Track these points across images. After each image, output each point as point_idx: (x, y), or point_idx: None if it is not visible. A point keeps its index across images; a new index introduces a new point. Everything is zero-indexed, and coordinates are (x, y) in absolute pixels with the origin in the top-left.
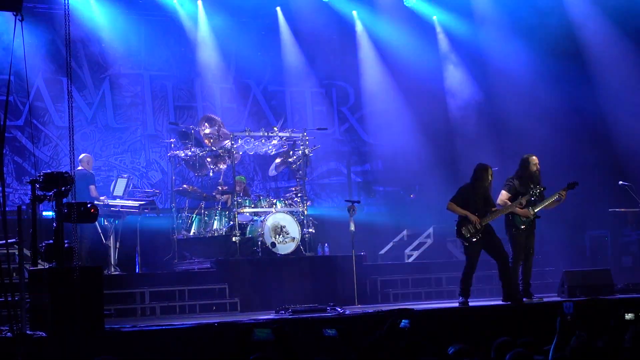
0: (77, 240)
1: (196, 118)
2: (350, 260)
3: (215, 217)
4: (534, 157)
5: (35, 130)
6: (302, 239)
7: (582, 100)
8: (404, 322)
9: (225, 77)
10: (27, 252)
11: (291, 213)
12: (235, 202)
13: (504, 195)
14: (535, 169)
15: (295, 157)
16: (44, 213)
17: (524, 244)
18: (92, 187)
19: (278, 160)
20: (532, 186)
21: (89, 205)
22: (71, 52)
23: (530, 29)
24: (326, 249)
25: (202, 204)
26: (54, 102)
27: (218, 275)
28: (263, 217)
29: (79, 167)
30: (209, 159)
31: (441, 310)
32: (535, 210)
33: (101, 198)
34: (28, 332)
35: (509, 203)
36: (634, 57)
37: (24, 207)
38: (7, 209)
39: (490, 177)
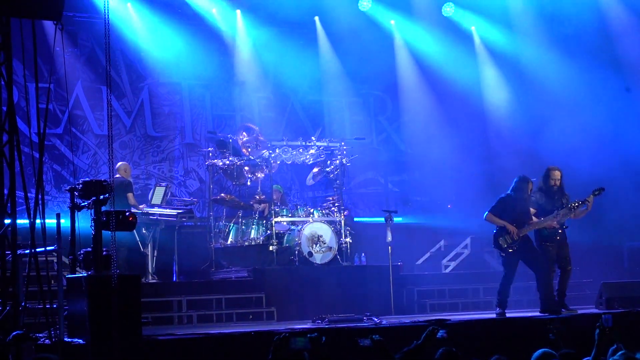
0: (115, 248)
1: (234, 127)
2: (387, 270)
3: (253, 226)
4: (556, 172)
5: (74, 139)
6: (339, 249)
7: (621, 109)
8: (441, 332)
9: (263, 86)
10: (65, 259)
11: (328, 222)
12: (273, 211)
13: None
14: (553, 183)
15: (332, 166)
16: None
17: (555, 255)
18: (129, 195)
19: (315, 169)
20: (560, 197)
21: (127, 214)
22: (110, 60)
23: (569, 40)
24: (363, 259)
25: (240, 213)
26: (92, 111)
27: (255, 284)
28: (300, 227)
29: (117, 175)
30: (246, 168)
31: (478, 321)
32: (562, 221)
33: (140, 206)
34: (66, 339)
35: (534, 218)
36: None
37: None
38: (46, 216)
39: (529, 189)
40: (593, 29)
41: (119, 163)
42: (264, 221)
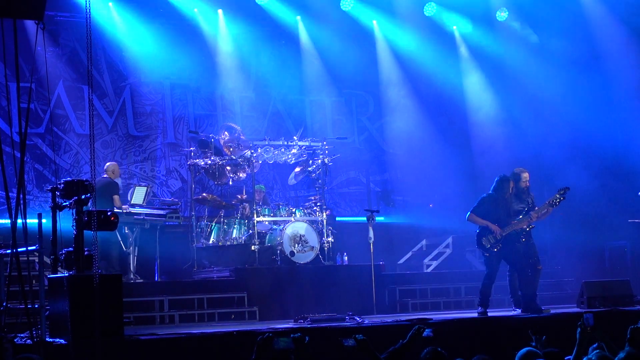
0: (97, 248)
1: (216, 127)
2: (369, 269)
3: (235, 226)
4: (525, 174)
5: (56, 138)
6: (321, 248)
7: (600, 108)
8: (427, 331)
9: (245, 85)
10: (47, 259)
11: (310, 222)
12: (255, 211)
13: None
14: (524, 185)
15: (314, 166)
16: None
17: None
18: (115, 197)
19: (297, 169)
20: (526, 197)
21: (109, 213)
22: (92, 60)
23: (549, 40)
24: (345, 258)
25: (222, 213)
26: (74, 110)
27: (237, 284)
28: (282, 226)
29: (104, 175)
30: (228, 168)
31: (460, 320)
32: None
33: (123, 206)
34: (48, 339)
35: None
36: None
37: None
38: (27, 216)
39: (511, 188)
40: (575, 29)
41: (108, 163)
42: (246, 221)
